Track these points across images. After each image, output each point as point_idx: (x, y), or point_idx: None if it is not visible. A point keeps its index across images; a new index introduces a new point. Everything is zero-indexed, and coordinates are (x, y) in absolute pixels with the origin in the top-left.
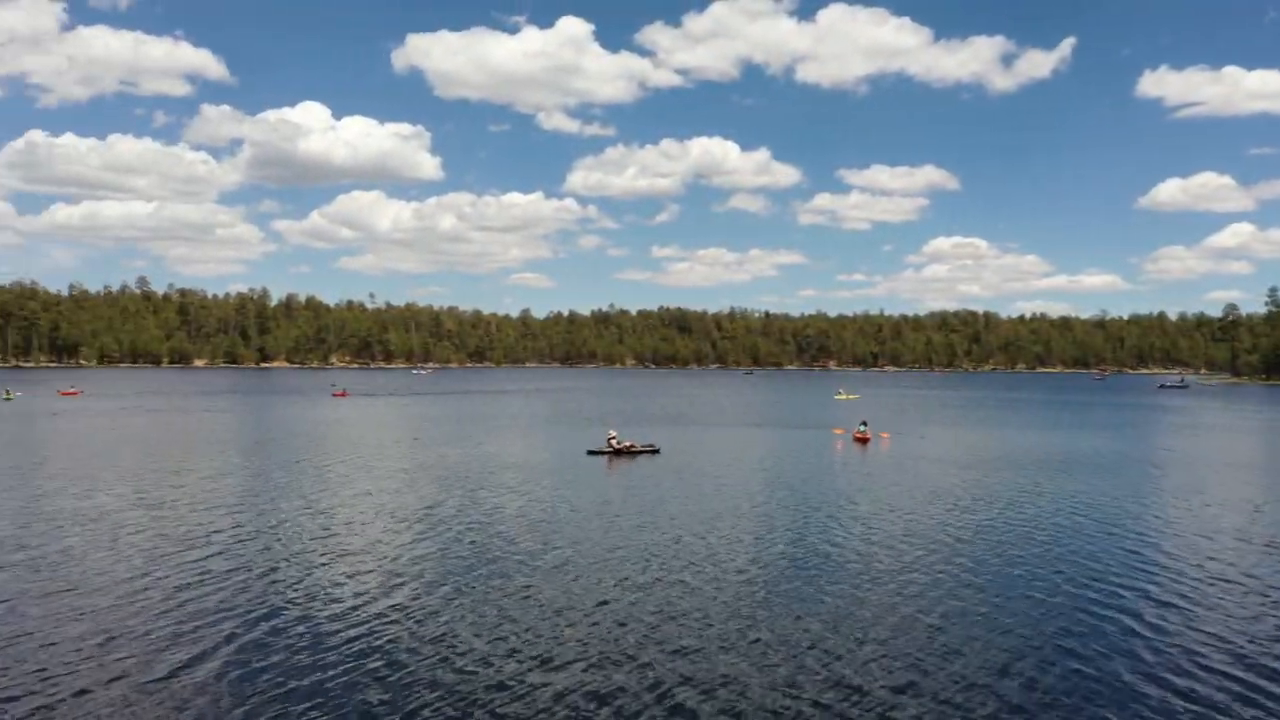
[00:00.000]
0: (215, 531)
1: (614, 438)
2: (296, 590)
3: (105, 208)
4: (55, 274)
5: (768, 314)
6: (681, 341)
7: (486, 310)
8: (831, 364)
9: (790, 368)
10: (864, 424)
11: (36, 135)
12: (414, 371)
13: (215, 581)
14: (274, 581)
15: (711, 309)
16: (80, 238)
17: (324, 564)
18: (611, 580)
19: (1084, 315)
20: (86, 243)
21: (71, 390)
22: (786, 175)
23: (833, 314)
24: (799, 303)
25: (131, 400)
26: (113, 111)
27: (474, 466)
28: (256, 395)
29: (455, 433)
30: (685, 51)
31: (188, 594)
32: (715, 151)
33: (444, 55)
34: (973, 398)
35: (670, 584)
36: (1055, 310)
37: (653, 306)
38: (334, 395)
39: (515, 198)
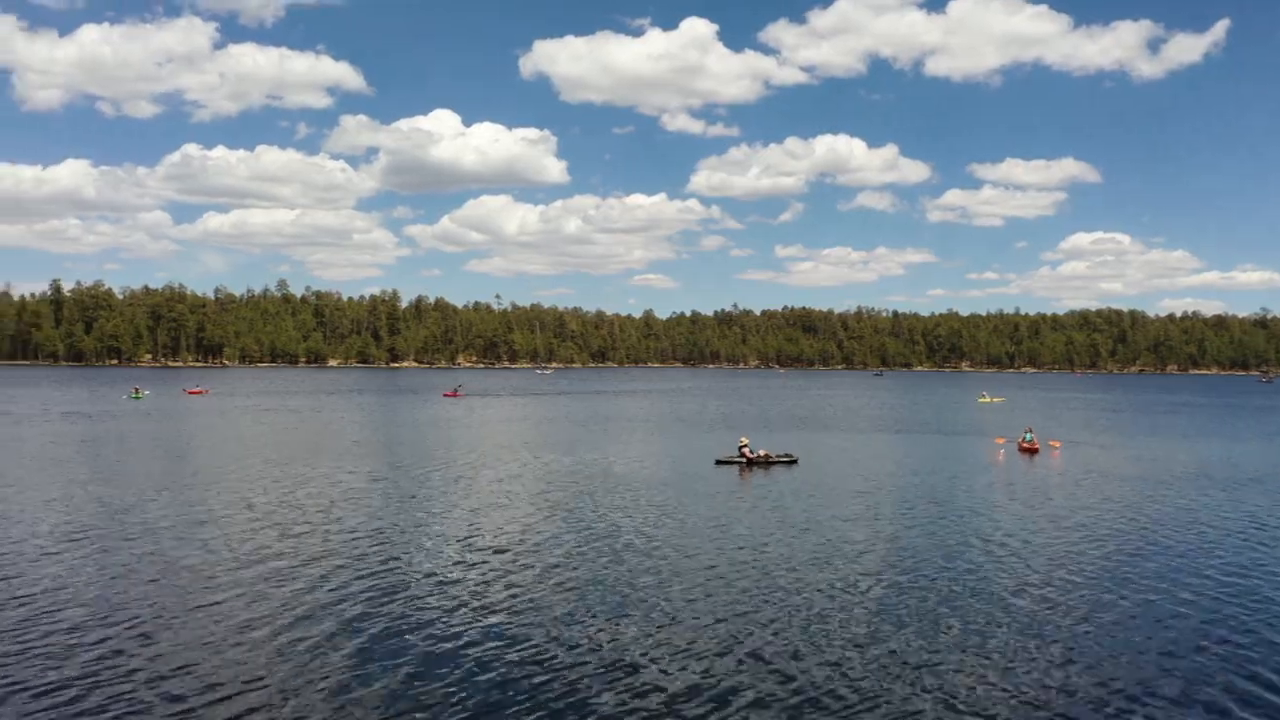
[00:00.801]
0: (299, 535)
1: (746, 445)
2: (410, 604)
3: (252, 215)
4: (207, 279)
5: (895, 313)
6: (806, 341)
7: (610, 311)
8: (964, 365)
9: (920, 369)
10: (1029, 431)
11: (191, 149)
12: (537, 371)
13: (323, 587)
14: (380, 595)
15: (837, 309)
16: (230, 244)
17: (428, 576)
18: (751, 614)
19: (1241, 314)
20: (236, 249)
21: (197, 389)
22: (915, 171)
23: (964, 313)
24: (928, 302)
25: (252, 399)
26: (259, 124)
27: (592, 475)
28: (372, 394)
29: (574, 436)
30: (810, 48)
31: (305, 595)
32: (841, 149)
33: (569, 60)
34: (1132, 401)
35: (821, 624)
36: (1207, 308)
37: (776, 306)
38: (445, 396)
39: (639, 199)
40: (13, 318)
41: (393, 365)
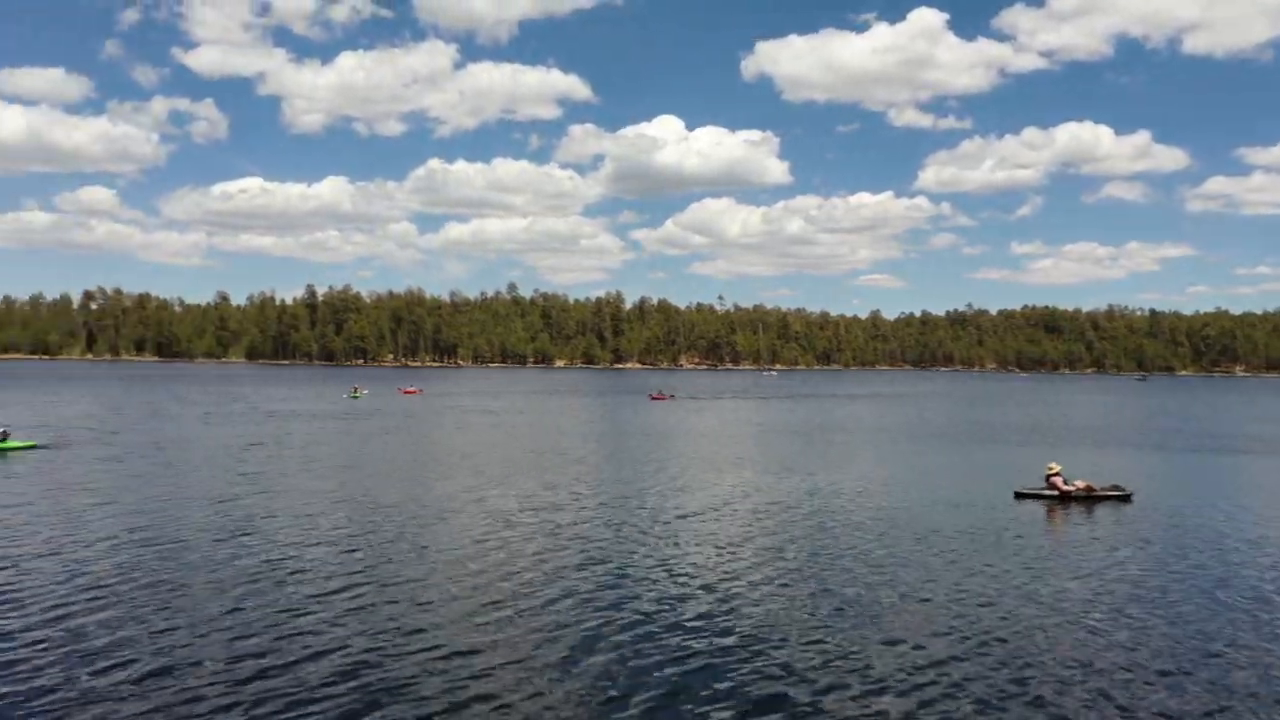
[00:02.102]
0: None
1: (1057, 473)
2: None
3: (489, 224)
4: (448, 285)
5: (1153, 312)
6: (1050, 343)
7: (834, 312)
8: (1238, 369)
9: (1184, 374)
10: None
11: (435, 163)
12: (762, 373)
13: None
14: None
15: (1084, 308)
16: (469, 252)
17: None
18: None
19: None
20: (474, 256)
21: (411, 389)
22: (1171, 159)
23: (1234, 311)
24: (1187, 300)
25: (460, 400)
26: (495, 137)
27: (841, 504)
28: (584, 395)
29: (810, 449)
30: (1050, 32)
31: (525, 591)
32: (1085, 137)
33: (792, 59)
34: None
35: None
36: None
37: (1013, 306)
38: (652, 399)
39: (864, 198)
40: (274, 320)
41: (616, 366)
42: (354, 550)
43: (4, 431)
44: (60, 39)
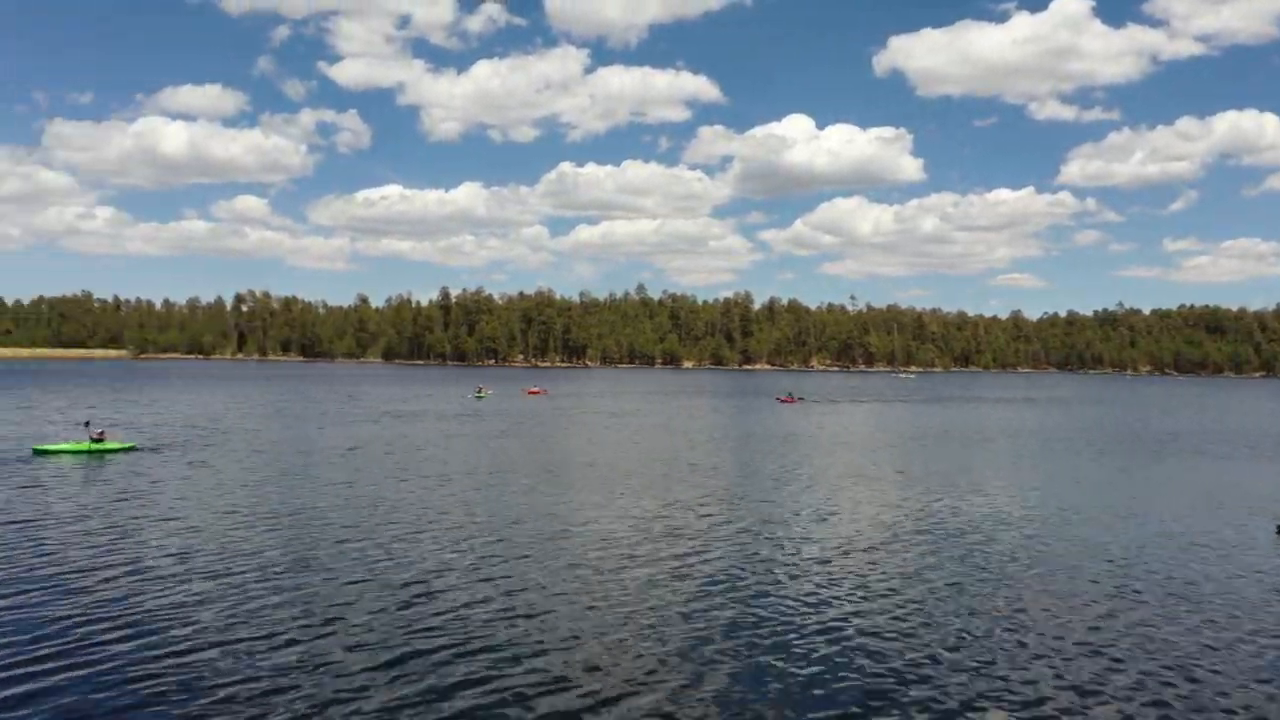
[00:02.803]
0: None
1: None
2: None
3: (618, 226)
4: (577, 287)
5: None
6: (1212, 344)
7: (970, 312)
8: None
9: None
10: None
11: (566, 167)
12: (898, 376)
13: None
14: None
15: (1249, 307)
16: (598, 254)
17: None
18: None
19: None
20: (603, 258)
21: (536, 390)
22: None
23: None
24: None
25: (589, 400)
26: (625, 140)
27: (1036, 532)
28: (711, 397)
29: (972, 460)
30: (1207, 15)
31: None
32: (1247, 126)
33: (926, 53)
34: None
35: None
36: None
37: (1168, 305)
38: (780, 401)
39: (1002, 194)
40: (410, 322)
41: (745, 367)
42: (462, 556)
43: (100, 432)
44: (218, 57)
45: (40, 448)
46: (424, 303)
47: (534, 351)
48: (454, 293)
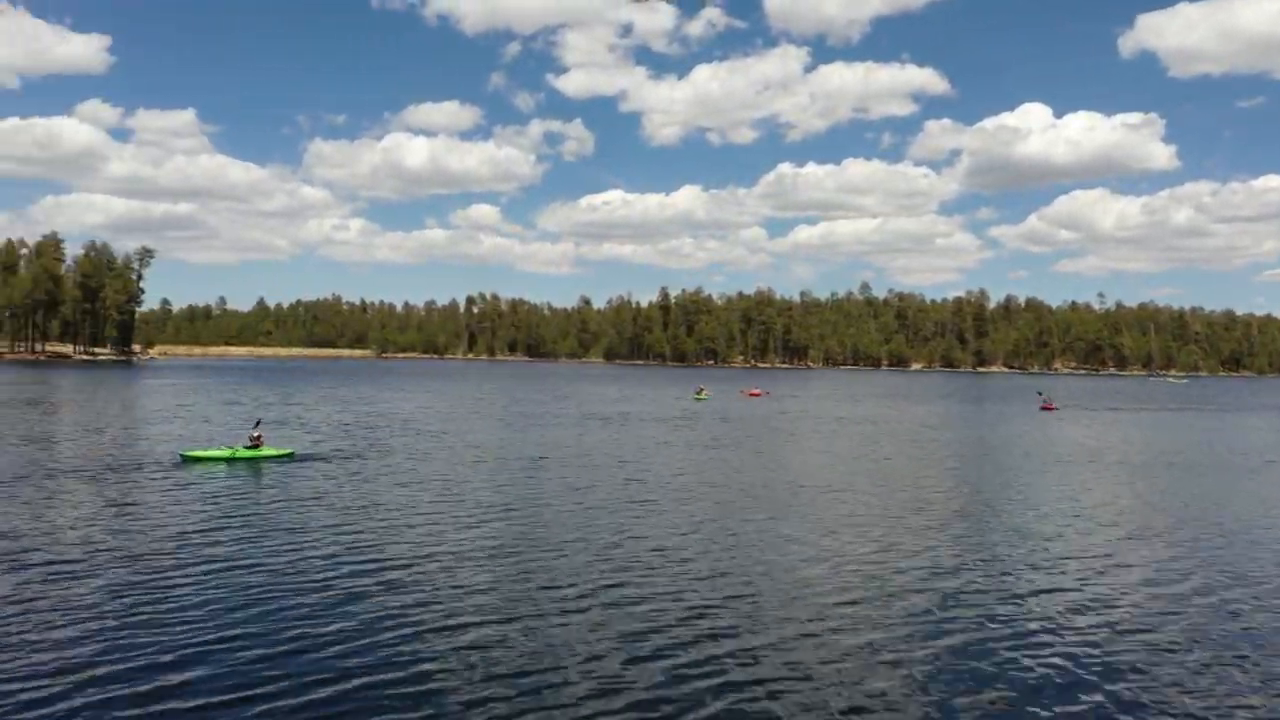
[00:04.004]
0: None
1: None
2: None
3: (838, 226)
4: (796, 288)
5: None
6: None
7: (1231, 311)
8: None
9: None
10: None
11: (785, 167)
12: (1162, 379)
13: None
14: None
15: None
16: (817, 254)
17: None
18: None
19: None
20: (822, 259)
21: (756, 391)
22: None
23: None
24: None
25: (813, 403)
26: (846, 138)
27: None
28: (951, 401)
29: None
30: None
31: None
32: None
33: (1180, 31)
34: None
35: None
36: None
37: None
38: (1043, 409)
39: (1271, 182)
40: (630, 322)
41: (979, 369)
42: (667, 574)
43: (258, 436)
44: (455, 75)
45: (188, 453)
46: (644, 304)
47: (753, 352)
48: (673, 293)
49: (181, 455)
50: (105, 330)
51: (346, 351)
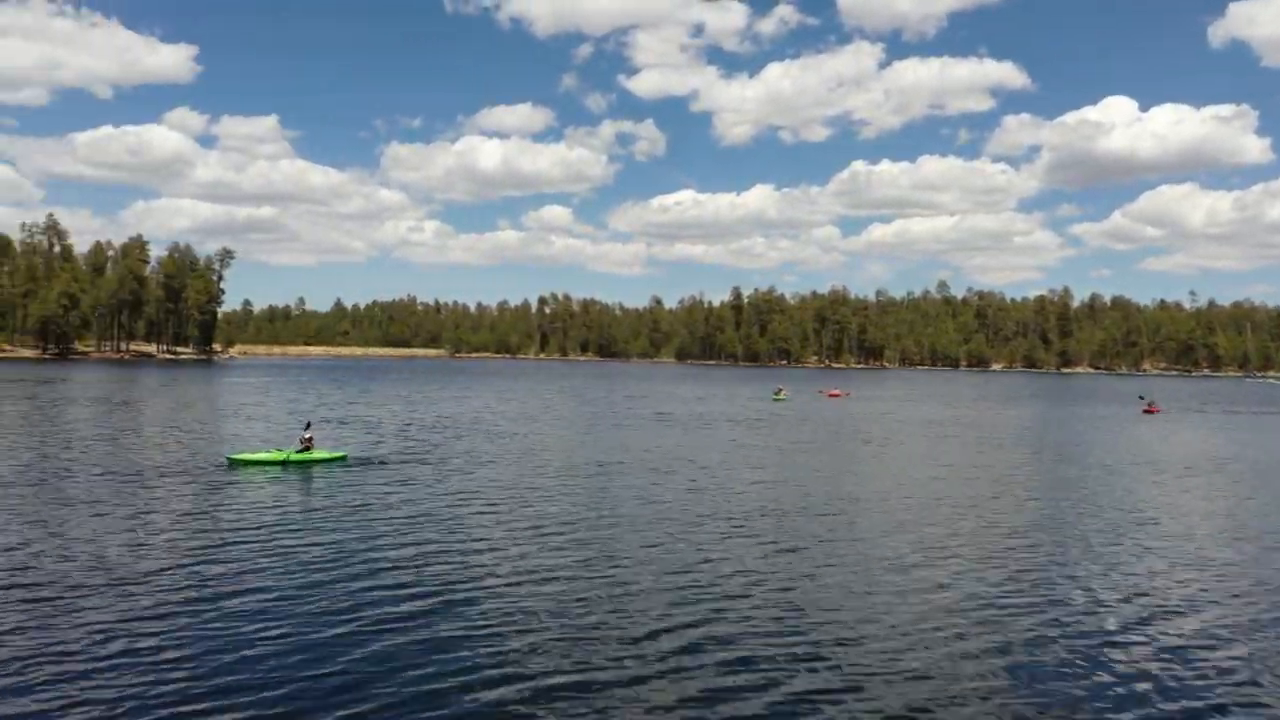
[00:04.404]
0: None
1: None
2: None
3: (913, 224)
4: (870, 287)
5: None
6: None
7: None
8: None
9: None
10: None
11: (858, 165)
12: (1263, 380)
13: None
14: None
15: None
16: (891, 253)
17: None
18: None
19: None
20: (897, 257)
21: (836, 392)
22: None
23: None
24: None
25: (897, 405)
26: (921, 135)
27: None
28: (1040, 402)
29: None
30: None
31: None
32: None
33: (1276, 19)
34: None
35: None
36: None
37: None
38: (1145, 411)
39: None
40: (702, 322)
41: (1063, 370)
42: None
43: (309, 438)
44: (528, 77)
45: (234, 456)
46: (716, 304)
47: (827, 352)
48: (745, 293)
49: (228, 459)
50: (187, 330)
51: (420, 351)
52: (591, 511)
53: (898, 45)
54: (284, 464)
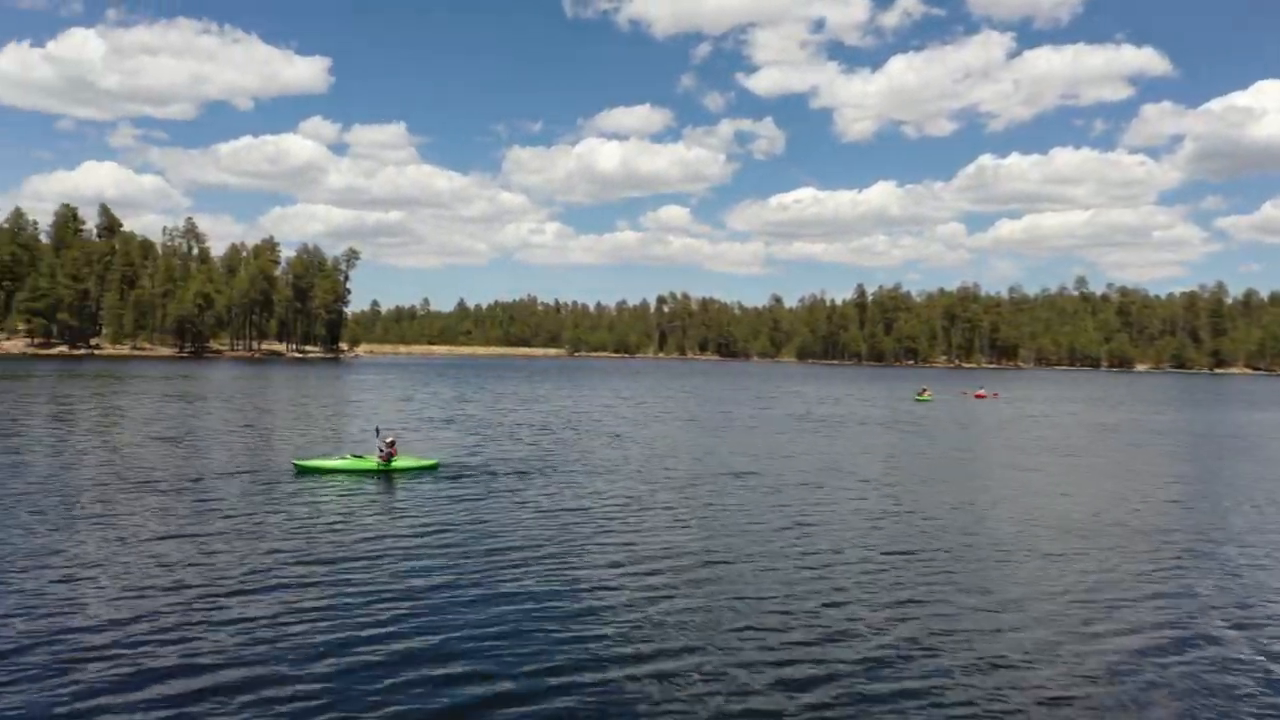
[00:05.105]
0: None
1: None
2: None
3: (1044, 219)
4: (996, 285)
5: None
6: None
7: None
8: None
9: None
10: None
11: (986, 159)
12: None
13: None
14: None
15: None
16: (1020, 250)
17: None
18: None
19: None
20: (1026, 254)
21: (983, 393)
22: None
23: None
24: None
25: (1056, 406)
26: (1053, 126)
27: None
28: (1210, 406)
29: None
30: None
31: None
32: None
33: None
34: None
35: None
36: None
37: None
38: None
39: None
40: (824, 321)
41: (1216, 370)
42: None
43: (391, 442)
44: (646, 78)
45: (303, 463)
46: (838, 302)
47: (957, 351)
48: (869, 291)
49: (296, 465)
50: (315, 329)
51: (540, 350)
52: (735, 540)
53: (1028, 34)
54: (356, 473)
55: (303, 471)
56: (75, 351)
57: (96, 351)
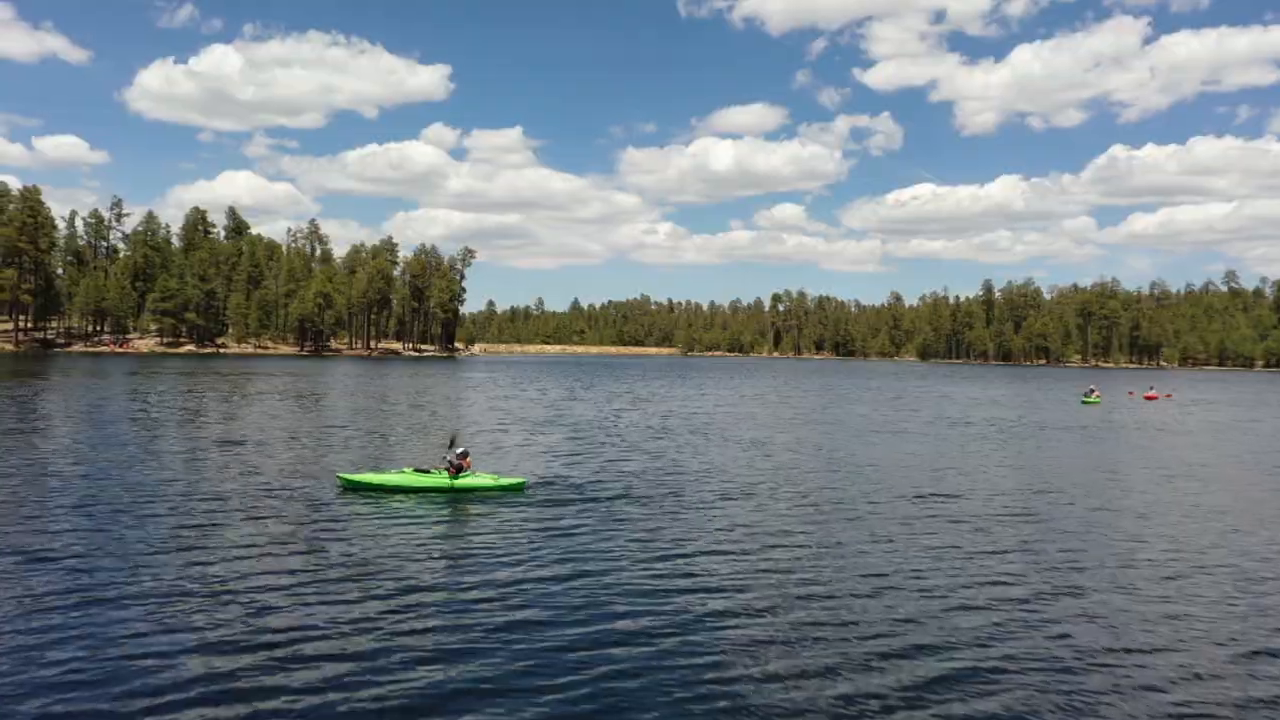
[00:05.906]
0: None
1: None
2: None
3: (1182, 213)
4: (1130, 282)
5: None
6: None
7: None
8: None
9: None
10: None
11: (1118, 150)
12: None
13: None
14: None
15: None
16: (1156, 244)
17: None
18: None
19: None
20: (1162, 249)
21: (1154, 394)
22: None
23: None
24: None
25: (1236, 411)
26: (1192, 114)
27: None
28: None
29: None
30: None
31: None
32: None
33: None
34: None
35: None
36: None
37: None
38: None
39: None
40: (948, 319)
41: None
42: None
43: (463, 453)
44: (761, 76)
45: (348, 478)
46: (961, 299)
47: (1094, 350)
48: (997, 287)
49: (341, 480)
50: (432, 328)
51: (654, 350)
52: (959, 614)
53: (1166, 18)
54: (418, 491)
55: (350, 486)
56: (202, 350)
57: (222, 350)
